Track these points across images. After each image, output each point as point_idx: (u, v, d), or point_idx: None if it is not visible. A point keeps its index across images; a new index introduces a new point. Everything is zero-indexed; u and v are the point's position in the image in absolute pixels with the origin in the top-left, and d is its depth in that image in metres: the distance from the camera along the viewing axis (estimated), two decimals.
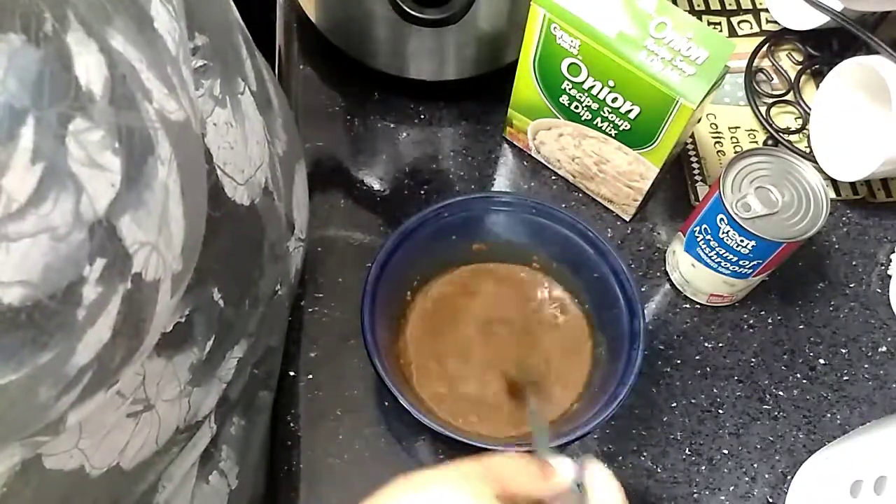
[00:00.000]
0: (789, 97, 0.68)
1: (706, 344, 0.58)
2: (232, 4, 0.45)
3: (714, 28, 0.68)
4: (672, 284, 0.60)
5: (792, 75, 0.68)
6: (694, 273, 0.57)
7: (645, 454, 0.54)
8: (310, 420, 0.53)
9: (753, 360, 0.58)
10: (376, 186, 0.62)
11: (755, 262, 0.53)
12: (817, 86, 0.65)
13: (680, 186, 0.64)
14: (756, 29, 0.72)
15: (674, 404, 0.56)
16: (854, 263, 0.62)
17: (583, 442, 0.54)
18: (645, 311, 0.51)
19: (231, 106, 0.41)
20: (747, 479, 0.54)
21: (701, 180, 0.64)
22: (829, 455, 0.51)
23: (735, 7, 0.73)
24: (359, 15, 0.60)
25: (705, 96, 0.50)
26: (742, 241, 0.52)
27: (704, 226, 0.54)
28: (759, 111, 0.67)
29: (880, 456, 0.47)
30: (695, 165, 0.65)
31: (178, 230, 0.30)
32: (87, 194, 0.24)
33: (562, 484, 0.38)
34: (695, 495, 0.53)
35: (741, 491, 0.54)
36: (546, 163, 0.63)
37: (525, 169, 0.64)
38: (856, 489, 0.47)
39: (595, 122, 0.56)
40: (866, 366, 0.58)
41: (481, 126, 0.65)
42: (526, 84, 0.57)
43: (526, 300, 0.57)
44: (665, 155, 0.55)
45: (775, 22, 0.69)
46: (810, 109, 0.65)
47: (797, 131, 0.66)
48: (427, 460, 0.53)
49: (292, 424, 0.53)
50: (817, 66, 0.69)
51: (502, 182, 0.64)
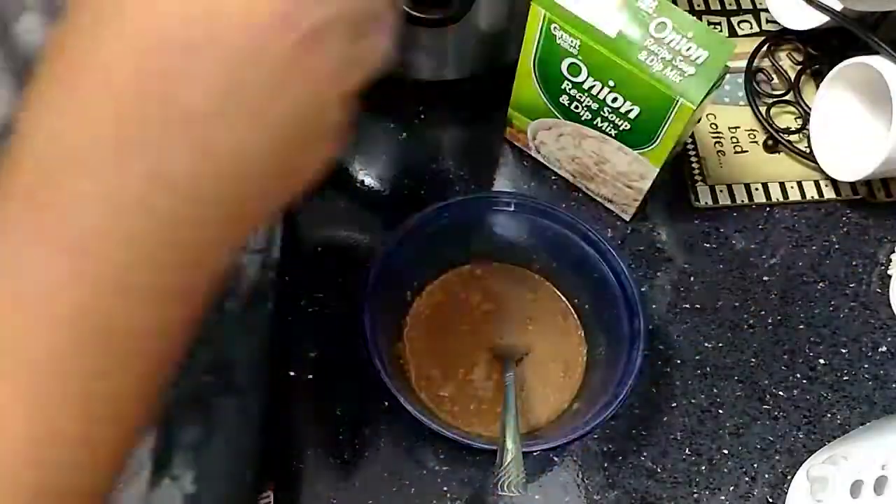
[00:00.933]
0: (789, 97, 0.68)
1: (706, 344, 0.58)
2: None
3: (714, 28, 0.68)
4: (672, 284, 0.60)
5: (792, 75, 0.68)
6: None
7: (645, 454, 0.54)
8: (310, 420, 0.53)
9: (753, 360, 0.58)
10: (376, 186, 0.62)
11: None
12: (817, 86, 0.65)
13: (680, 186, 0.64)
14: (756, 29, 0.72)
15: (674, 404, 0.56)
16: (854, 263, 0.62)
17: (583, 442, 0.54)
18: (645, 311, 0.51)
19: None
20: (747, 479, 0.54)
21: (701, 180, 0.64)
22: (829, 455, 0.51)
23: (735, 7, 0.73)
24: None
25: (705, 96, 0.50)
26: None
27: None
28: (759, 111, 0.67)
29: (880, 456, 0.47)
30: (695, 165, 0.65)
31: None
32: None
33: None
34: (695, 495, 0.53)
35: (741, 491, 0.54)
36: (546, 163, 0.63)
37: (525, 169, 0.64)
38: (856, 489, 0.47)
39: (595, 122, 0.56)
40: (866, 366, 0.58)
41: (481, 126, 0.65)
42: (526, 84, 0.57)
43: (526, 300, 0.57)
44: (665, 155, 0.55)
45: (775, 22, 0.69)
46: (810, 109, 0.65)
47: (797, 131, 0.66)
48: (427, 460, 0.53)
49: (292, 424, 0.53)
50: (817, 66, 0.69)
51: (502, 182, 0.64)
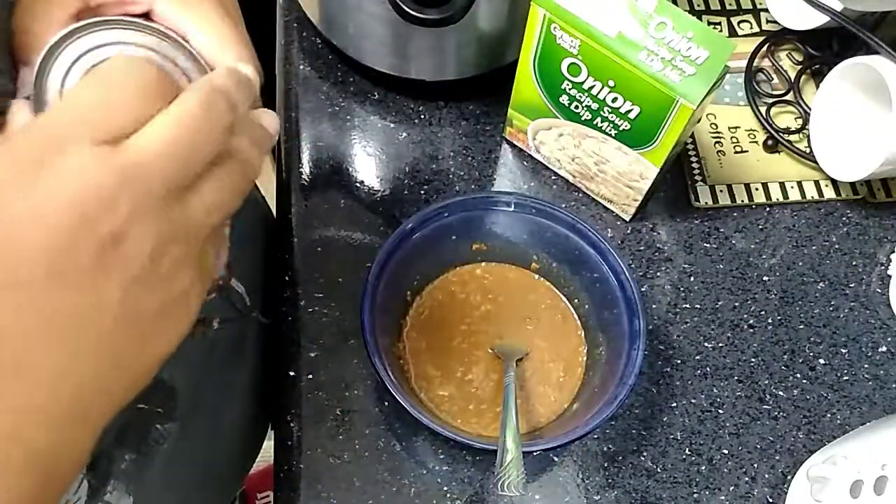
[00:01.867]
0: (789, 97, 0.68)
1: (706, 344, 0.58)
2: None
3: (714, 28, 0.68)
4: (672, 284, 0.60)
5: (792, 75, 0.68)
6: None
7: (645, 454, 0.54)
8: (310, 420, 0.53)
9: (753, 360, 0.58)
10: (376, 186, 0.62)
11: None
12: (817, 86, 0.65)
13: (680, 186, 0.64)
14: (756, 29, 0.72)
15: (674, 404, 0.56)
16: (854, 263, 0.62)
17: (583, 442, 0.54)
18: (645, 311, 0.51)
19: None
20: (747, 479, 0.54)
21: (701, 180, 0.64)
22: (829, 455, 0.51)
23: (735, 7, 0.73)
24: (359, 15, 0.60)
25: (705, 96, 0.50)
26: None
27: None
28: (759, 111, 0.67)
29: (880, 456, 0.47)
30: (695, 165, 0.65)
31: None
32: None
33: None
34: (695, 495, 0.53)
35: (741, 491, 0.54)
36: (546, 163, 0.63)
37: (525, 169, 0.64)
38: (856, 489, 0.47)
39: (595, 122, 0.56)
40: (866, 366, 0.58)
41: (481, 126, 0.65)
42: (526, 84, 0.57)
43: (526, 300, 0.57)
44: (665, 155, 0.55)
45: (775, 22, 0.69)
46: (810, 109, 0.65)
47: (797, 131, 0.66)
48: (427, 460, 0.53)
49: (292, 424, 0.53)
50: (817, 66, 0.69)
51: (502, 182, 0.64)
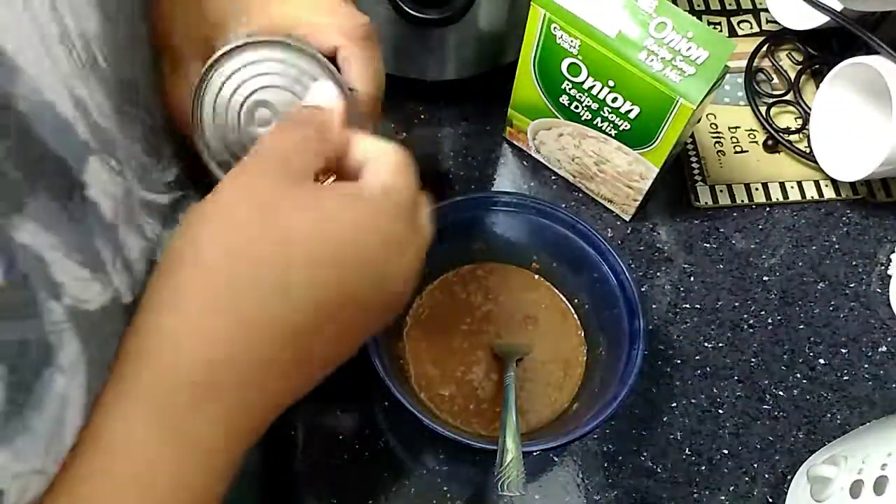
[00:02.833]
0: (789, 97, 0.68)
1: (706, 344, 0.58)
2: None
3: (714, 28, 0.68)
4: (672, 284, 0.60)
5: (792, 75, 0.68)
6: None
7: (645, 454, 0.54)
8: (310, 420, 0.53)
9: (753, 360, 0.58)
10: None
11: None
12: (817, 86, 0.65)
13: (680, 186, 0.64)
14: (756, 29, 0.72)
15: (674, 404, 0.56)
16: (854, 263, 0.62)
17: (583, 442, 0.54)
18: (645, 311, 0.51)
19: None
20: (747, 479, 0.54)
21: (701, 180, 0.64)
22: (829, 455, 0.51)
23: (735, 7, 0.73)
24: None
25: (705, 96, 0.50)
26: None
27: None
28: (759, 111, 0.67)
29: (880, 456, 0.47)
30: (695, 165, 0.65)
31: (73, 432, 0.25)
32: None
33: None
34: (695, 495, 0.53)
35: (741, 491, 0.54)
36: (546, 163, 0.63)
37: (525, 169, 0.64)
38: (856, 489, 0.47)
39: (595, 122, 0.56)
40: (866, 366, 0.58)
41: (481, 126, 0.65)
42: (526, 84, 0.57)
43: (526, 300, 0.57)
44: (665, 155, 0.55)
45: (775, 22, 0.69)
46: (810, 109, 0.65)
47: (797, 131, 0.66)
48: (427, 460, 0.53)
49: (292, 424, 0.53)
50: (817, 66, 0.69)
51: (502, 182, 0.64)
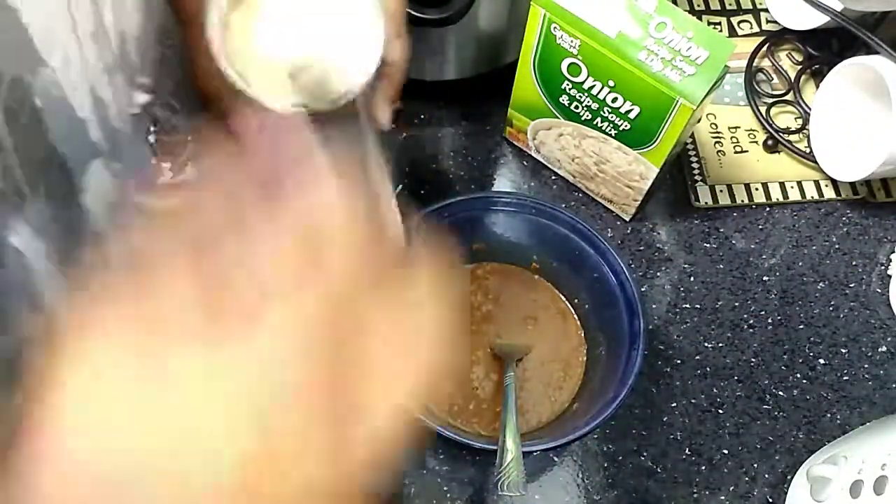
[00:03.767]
0: (789, 97, 0.68)
1: (706, 344, 0.58)
2: None
3: (714, 28, 0.68)
4: (672, 284, 0.60)
5: (792, 75, 0.68)
6: None
7: (645, 454, 0.54)
8: None
9: (753, 360, 0.58)
10: None
11: None
12: (817, 86, 0.65)
13: (680, 186, 0.64)
14: (756, 29, 0.72)
15: (674, 404, 0.56)
16: (854, 263, 0.62)
17: (583, 442, 0.54)
18: (645, 311, 0.51)
19: None
20: (747, 479, 0.54)
21: (701, 180, 0.64)
22: (829, 455, 0.51)
23: (735, 7, 0.73)
24: None
25: (705, 96, 0.50)
26: None
27: None
28: (759, 111, 0.67)
29: (880, 456, 0.47)
30: (695, 165, 0.65)
31: None
32: None
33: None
34: (695, 495, 0.53)
35: (741, 491, 0.54)
36: (546, 163, 0.63)
37: (525, 169, 0.64)
38: (856, 489, 0.47)
39: (595, 122, 0.56)
40: (866, 366, 0.58)
41: (481, 126, 0.65)
42: (526, 84, 0.57)
43: (526, 300, 0.57)
44: (665, 155, 0.55)
45: (775, 22, 0.69)
46: (810, 109, 0.65)
47: (797, 131, 0.66)
48: (427, 460, 0.53)
49: None
50: (817, 66, 0.69)
51: (502, 182, 0.64)
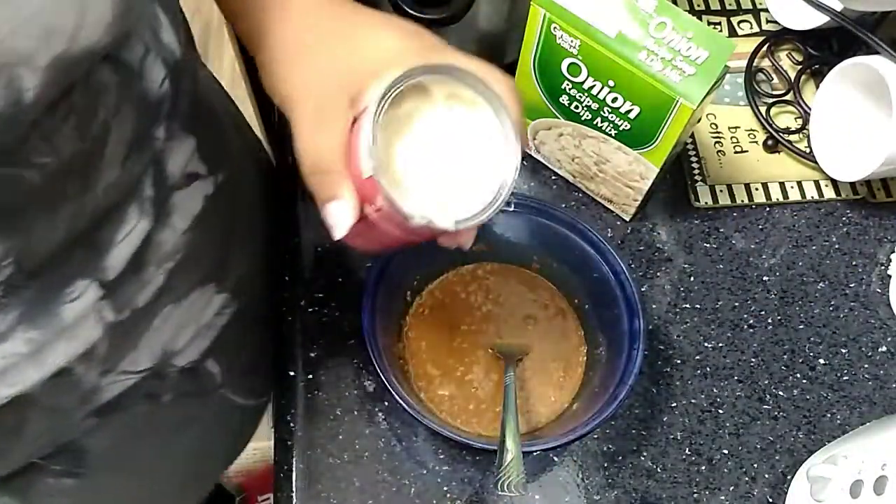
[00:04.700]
0: (789, 97, 0.68)
1: (706, 344, 0.58)
2: None
3: (714, 28, 0.68)
4: (672, 284, 0.60)
5: (792, 75, 0.68)
6: None
7: (645, 454, 0.54)
8: (310, 420, 0.53)
9: (753, 360, 0.58)
10: None
11: None
12: (817, 86, 0.65)
13: (680, 186, 0.64)
14: (756, 29, 0.72)
15: (674, 404, 0.56)
16: (854, 263, 0.62)
17: (583, 442, 0.54)
18: (645, 311, 0.51)
19: None
20: (747, 479, 0.54)
21: (701, 180, 0.64)
22: (829, 455, 0.51)
23: (735, 7, 0.73)
24: None
25: (705, 96, 0.50)
26: None
27: None
28: (759, 111, 0.67)
29: (880, 456, 0.47)
30: (695, 165, 0.65)
31: None
32: None
33: None
34: (695, 495, 0.53)
35: (741, 491, 0.54)
36: (546, 163, 0.63)
37: (525, 169, 0.64)
38: (856, 489, 0.47)
39: (595, 122, 0.56)
40: (866, 366, 0.58)
41: None
42: (526, 84, 0.57)
43: (526, 300, 0.57)
44: (665, 155, 0.55)
45: (775, 22, 0.69)
46: (810, 109, 0.65)
47: (797, 131, 0.66)
48: (427, 460, 0.53)
49: (292, 424, 0.53)
50: (817, 66, 0.69)
51: None
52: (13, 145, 0.30)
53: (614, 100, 0.53)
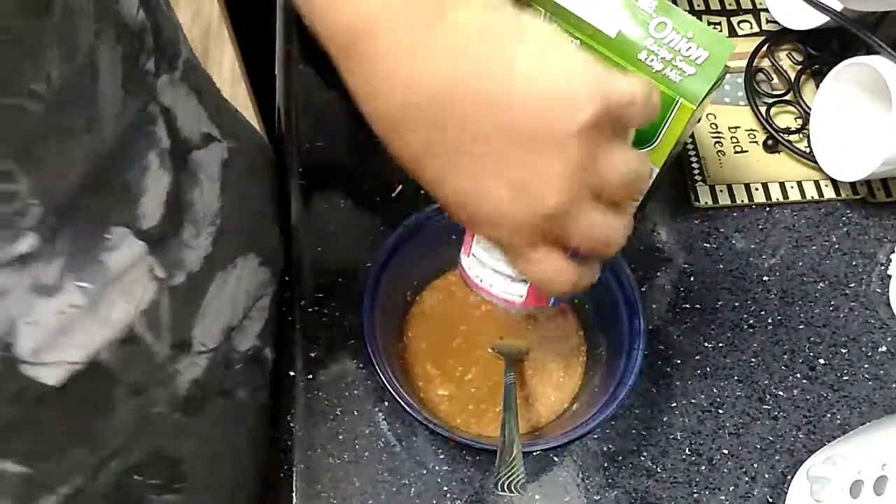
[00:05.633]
0: (789, 97, 0.68)
1: (706, 344, 0.58)
2: None
3: (714, 28, 0.68)
4: (672, 284, 0.60)
5: (792, 75, 0.68)
6: None
7: (645, 454, 0.54)
8: (310, 420, 0.53)
9: (753, 360, 0.58)
10: (376, 186, 0.62)
11: None
12: (817, 86, 0.65)
13: (680, 186, 0.64)
14: (756, 29, 0.72)
15: (674, 404, 0.56)
16: (854, 263, 0.62)
17: (583, 442, 0.54)
18: (645, 311, 0.51)
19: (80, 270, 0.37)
20: (747, 479, 0.54)
21: (701, 180, 0.64)
22: (829, 455, 0.51)
23: (735, 7, 0.73)
24: None
25: (705, 96, 0.50)
26: None
27: None
28: (759, 111, 0.67)
29: (880, 456, 0.47)
30: (695, 165, 0.65)
31: None
32: None
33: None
34: (695, 495, 0.53)
35: (741, 491, 0.54)
36: None
37: None
38: (856, 489, 0.47)
39: None
40: (866, 366, 0.58)
41: None
42: None
43: None
44: (665, 155, 0.55)
45: (775, 22, 0.69)
46: (810, 109, 0.65)
47: (797, 131, 0.66)
48: (427, 460, 0.53)
49: (292, 424, 0.53)
50: (817, 66, 0.69)
51: None
52: (6, 74, 0.31)
53: None
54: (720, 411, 0.56)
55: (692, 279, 0.61)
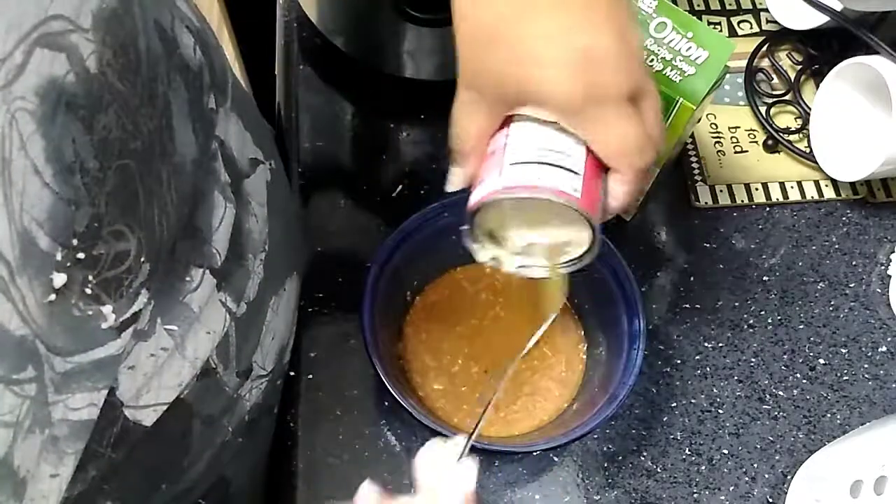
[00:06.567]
0: (789, 97, 0.68)
1: (706, 344, 0.58)
2: None
3: (714, 28, 0.68)
4: (672, 284, 0.60)
5: (792, 75, 0.68)
6: None
7: (645, 454, 0.54)
8: (310, 420, 0.54)
9: (753, 360, 0.58)
10: (376, 186, 0.62)
11: None
12: (817, 86, 0.65)
13: (680, 186, 0.64)
14: (756, 29, 0.72)
15: (674, 404, 0.56)
16: (854, 263, 0.62)
17: (583, 442, 0.54)
18: (645, 311, 0.51)
19: (166, 323, 0.38)
20: (747, 479, 0.54)
21: (701, 180, 0.64)
22: (829, 455, 0.51)
23: (735, 7, 0.73)
24: (359, 15, 0.60)
25: (705, 96, 0.50)
26: None
27: None
28: (759, 111, 0.67)
29: (880, 456, 0.47)
30: (695, 165, 0.65)
31: None
32: None
33: None
34: (695, 495, 0.53)
35: (741, 491, 0.54)
36: None
37: None
38: (856, 489, 0.47)
39: None
40: (866, 366, 0.58)
41: None
42: None
43: (525, 300, 0.57)
44: (665, 155, 0.55)
45: (775, 22, 0.69)
46: (810, 109, 0.65)
47: (797, 131, 0.66)
48: None
49: (292, 424, 0.53)
50: (817, 66, 0.69)
51: None
52: (96, 115, 0.30)
53: None
54: (720, 411, 0.56)
55: (692, 279, 0.61)
